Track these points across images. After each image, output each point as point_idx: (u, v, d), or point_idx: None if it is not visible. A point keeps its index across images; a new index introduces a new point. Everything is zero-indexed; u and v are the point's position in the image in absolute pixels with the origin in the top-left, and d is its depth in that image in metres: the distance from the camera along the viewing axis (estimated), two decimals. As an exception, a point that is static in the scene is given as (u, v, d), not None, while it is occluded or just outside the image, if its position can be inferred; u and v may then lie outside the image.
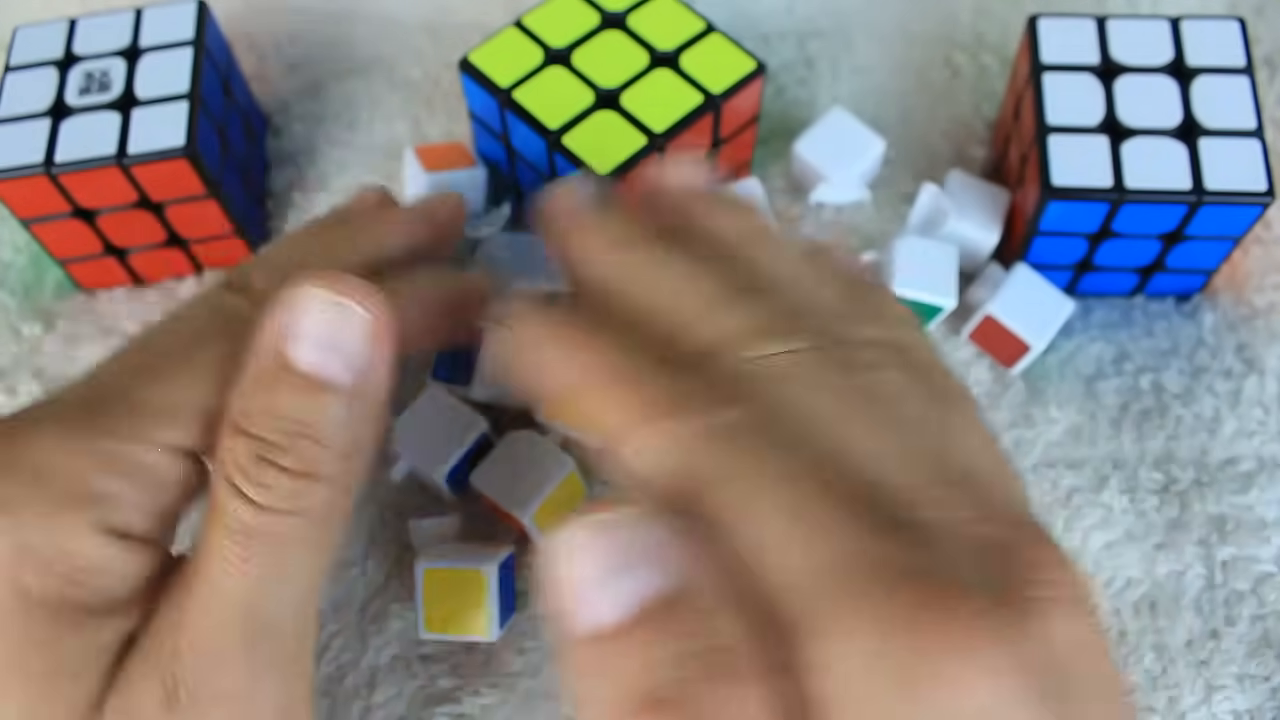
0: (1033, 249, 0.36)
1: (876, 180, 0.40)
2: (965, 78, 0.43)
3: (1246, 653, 0.32)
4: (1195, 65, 0.35)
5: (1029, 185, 0.35)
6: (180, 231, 0.37)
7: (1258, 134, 0.34)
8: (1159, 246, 0.35)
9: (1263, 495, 0.34)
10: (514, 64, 0.35)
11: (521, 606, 0.33)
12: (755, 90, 0.36)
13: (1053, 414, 0.36)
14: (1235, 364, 0.36)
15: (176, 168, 0.34)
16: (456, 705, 0.31)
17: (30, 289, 0.39)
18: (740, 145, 0.38)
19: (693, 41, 0.35)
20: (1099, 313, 0.38)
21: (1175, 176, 0.33)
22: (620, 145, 0.33)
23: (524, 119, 0.34)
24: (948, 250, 0.36)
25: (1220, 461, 0.35)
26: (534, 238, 0.37)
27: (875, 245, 0.38)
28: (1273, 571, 0.33)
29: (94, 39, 0.37)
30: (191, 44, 0.37)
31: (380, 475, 0.35)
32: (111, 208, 0.36)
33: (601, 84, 0.34)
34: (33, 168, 0.34)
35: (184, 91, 0.35)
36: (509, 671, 0.32)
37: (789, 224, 0.39)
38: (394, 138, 0.42)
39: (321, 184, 0.41)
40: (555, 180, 0.35)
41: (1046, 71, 0.35)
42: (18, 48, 0.37)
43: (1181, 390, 0.36)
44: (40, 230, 0.36)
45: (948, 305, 0.35)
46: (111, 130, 0.34)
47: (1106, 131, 0.34)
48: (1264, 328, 0.37)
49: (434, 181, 0.36)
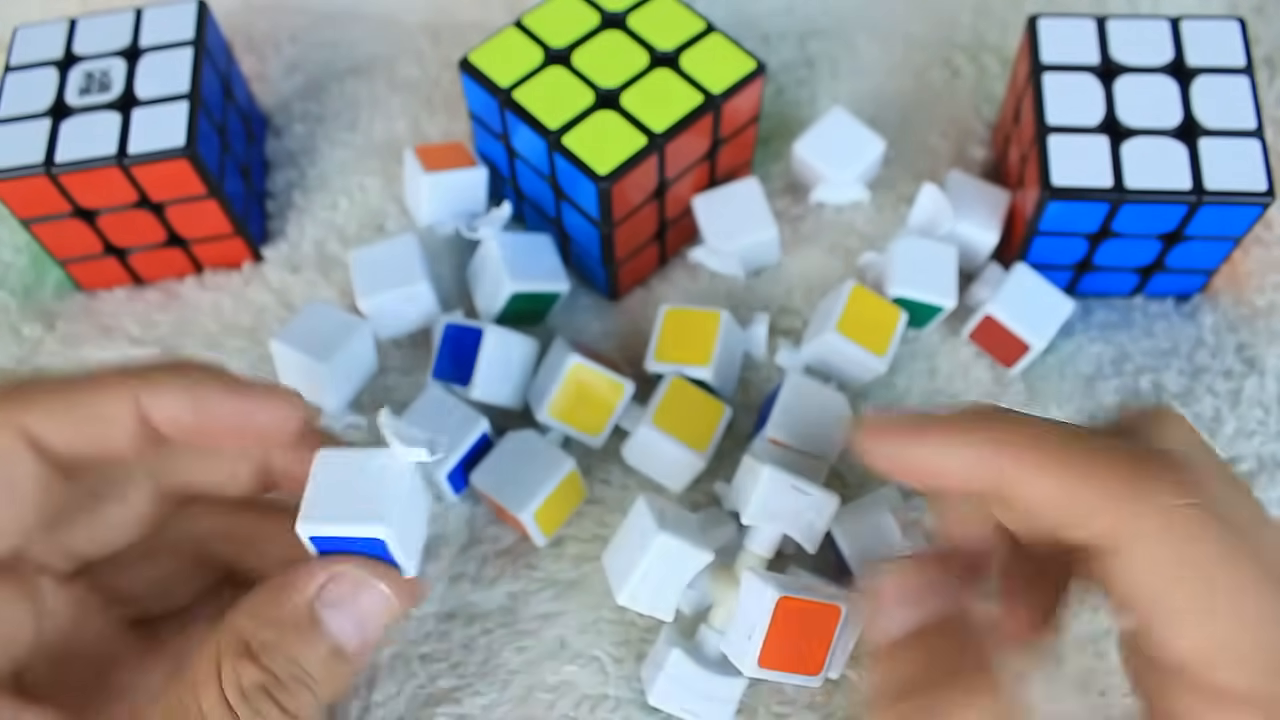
0: (1033, 249, 0.36)
1: (876, 180, 0.40)
2: (965, 78, 0.43)
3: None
4: (1195, 65, 0.35)
5: (1029, 185, 0.35)
6: (180, 231, 0.37)
7: (1258, 134, 0.34)
8: (1159, 246, 0.35)
9: (1263, 496, 0.34)
10: (514, 64, 0.35)
11: (522, 606, 0.33)
12: (755, 90, 0.36)
13: (1053, 414, 0.35)
14: (1235, 364, 0.36)
15: (176, 168, 0.34)
16: (456, 705, 0.31)
17: (30, 289, 0.39)
18: (740, 145, 0.38)
19: (693, 41, 0.35)
20: (1099, 313, 0.38)
21: (1175, 176, 0.33)
22: (620, 145, 0.33)
23: (524, 119, 0.34)
24: (948, 250, 0.36)
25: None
26: (534, 237, 0.37)
27: (875, 245, 0.38)
28: (1273, 571, 0.33)
29: (94, 39, 0.37)
30: (191, 44, 0.37)
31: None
32: (111, 208, 0.36)
33: (601, 84, 0.34)
34: (33, 168, 0.34)
35: (184, 91, 0.35)
36: (509, 671, 0.32)
37: (789, 223, 0.39)
38: (394, 138, 0.42)
39: (321, 184, 0.41)
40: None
41: (1046, 71, 0.35)
42: (18, 48, 0.37)
43: (1181, 390, 0.36)
44: (40, 230, 0.36)
45: (948, 305, 0.35)
46: (111, 130, 0.34)
47: (1106, 131, 0.34)
48: (1264, 328, 0.37)
49: (434, 181, 0.36)
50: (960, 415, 0.23)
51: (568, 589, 0.33)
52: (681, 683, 0.29)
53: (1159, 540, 0.20)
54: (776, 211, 0.39)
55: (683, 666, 0.29)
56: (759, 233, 0.37)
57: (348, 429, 0.36)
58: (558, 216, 0.37)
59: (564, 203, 0.36)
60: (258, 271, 0.39)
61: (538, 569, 0.33)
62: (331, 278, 0.39)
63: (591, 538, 0.34)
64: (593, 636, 0.32)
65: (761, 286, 0.38)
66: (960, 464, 0.23)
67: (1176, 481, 0.21)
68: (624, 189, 0.33)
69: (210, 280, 0.39)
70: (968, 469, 0.22)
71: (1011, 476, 0.22)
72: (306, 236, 0.40)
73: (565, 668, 0.32)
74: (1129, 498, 0.21)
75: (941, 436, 0.23)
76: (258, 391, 0.25)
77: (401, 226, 0.40)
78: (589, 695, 0.31)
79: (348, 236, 0.40)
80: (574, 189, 0.34)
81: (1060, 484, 0.21)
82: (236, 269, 0.39)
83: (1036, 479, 0.22)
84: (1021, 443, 0.22)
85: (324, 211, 0.40)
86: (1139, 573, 0.21)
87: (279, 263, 0.39)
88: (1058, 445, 0.22)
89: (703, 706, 0.30)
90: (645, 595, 0.29)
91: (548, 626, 0.33)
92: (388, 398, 0.36)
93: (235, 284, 0.39)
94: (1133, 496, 0.21)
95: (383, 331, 0.37)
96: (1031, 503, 0.22)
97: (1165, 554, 0.20)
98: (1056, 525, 0.22)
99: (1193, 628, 0.20)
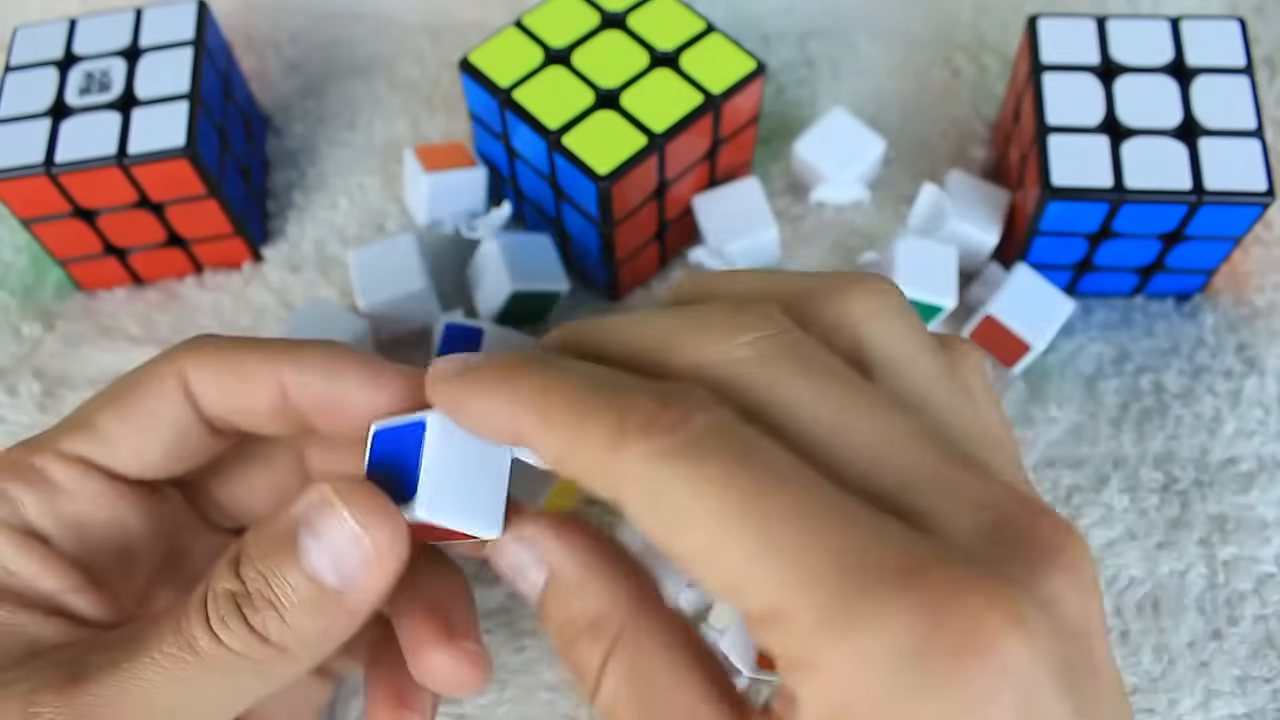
0: (1033, 249, 0.36)
1: (876, 180, 0.40)
2: (965, 78, 0.43)
3: (1249, 654, 0.32)
4: (1195, 65, 0.35)
5: (1029, 185, 0.35)
6: (180, 231, 0.37)
7: (1258, 134, 0.34)
8: (1159, 246, 0.35)
9: (1263, 495, 0.34)
10: (514, 64, 0.35)
11: (522, 606, 0.33)
12: (755, 90, 0.36)
13: (1053, 414, 0.35)
14: (1235, 364, 0.36)
15: (176, 168, 0.34)
16: (456, 706, 0.31)
17: (30, 289, 0.39)
18: (740, 145, 0.38)
19: (693, 41, 0.35)
20: (1099, 313, 0.38)
21: (1175, 176, 0.33)
22: (620, 145, 0.33)
23: (524, 119, 0.34)
24: (948, 250, 0.36)
25: (1220, 461, 0.35)
26: (534, 237, 0.37)
27: (875, 245, 0.38)
28: (1274, 572, 0.33)
29: (94, 39, 0.37)
30: (191, 44, 0.37)
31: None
32: (111, 208, 0.36)
33: (601, 84, 0.34)
34: (33, 168, 0.34)
35: (184, 91, 0.35)
36: (509, 670, 0.32)
37: (789, 223, 0.39)
38: (394, 138, 0.42)
39: (321, 184, 0.41)
40: (556, 180, 0.35)
41: (1046, 71, 0.35)
42: (18, 48, 0.37)
43: (1182, 390, 0.36)
44: (40, 230, 0.36)
45: (948, 305, 0.35)
46: (111, 130, 0.34)
47: (1106, 131, 0.34)
48: (1264, 328, 0.37)
49: (434, 181, 0.36)
50: (500, 363, 0.22)
51: (568, 589, 0.33)
52: None
53: (638, 487, 0.19)
54: (776, 211, 0.39)
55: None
56: (759, 233, 0.37)
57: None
58: (558, 216, 0.37)
59: (564, 203, 0.36)
60: (258, 271, 0.39)
61: (538, 569, 0.33)
62: (331, 278, 0.39)
63: (591, 538, 0.34)
64: (593, 636, 0.32)
65: (761, 286, 0.38)
66: (488, 414, 0.21)
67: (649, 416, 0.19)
68: (624, 189, 0.33)
69: (210, 280, 0.39)
70: (492, 420, 0.21)
71: (525, 431, 0.21)
72: (306, 236, 0.40)
73: (565, 668, 0.32)
74: (612, 447, 0.19)
75: (477, 386, 0.21)
76: (390, 373, 0.24)
77: (401, 226, 0.40)
78: (589, 695, 0.31)
79: (348, 236, 0.40)
80: (574, 189, 0.34)
81: (562, 441, 0.20)
82: (236, 269, 0.39)
83: (545, 436, 0.20)
84: (533, 395, 0.20)
85: (324, 211, 0.40)
86: (639, 516, 0.19)
87: (279, 263, 0.39)
88: (563, 395, 0.20)
89: None
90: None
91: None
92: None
93: (235, 284, 0.39)
94: (615, 445, 0.19)
95: (383, 331, 0.37)
96: (547, 461, 0.21)
97: (646, 502, 0.19)
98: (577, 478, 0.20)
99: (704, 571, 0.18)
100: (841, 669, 0.16)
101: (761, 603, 0.17)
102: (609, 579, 0.21)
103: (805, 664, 0.17)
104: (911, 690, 0.16)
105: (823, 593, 0.16)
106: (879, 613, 0.16)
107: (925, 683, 0.16)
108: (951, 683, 0.16)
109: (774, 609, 0.17)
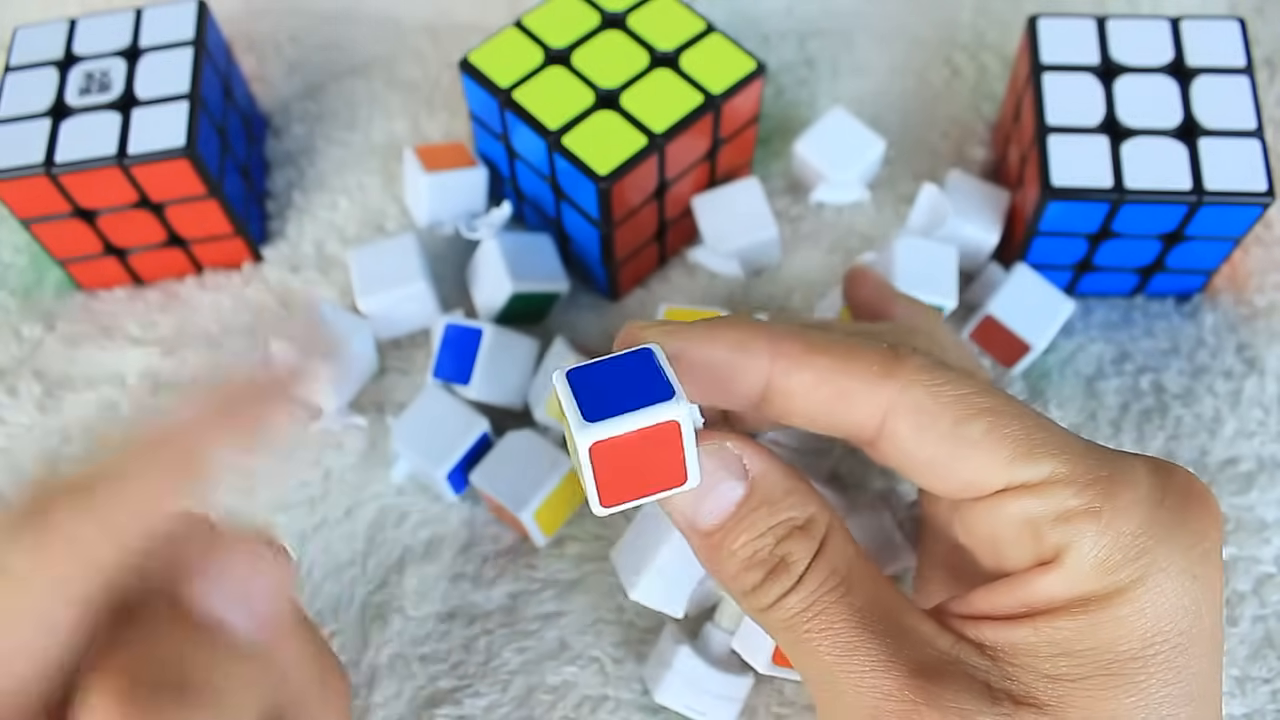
0: (1033, 249, 0.36)
1: (876, 180, 0.40)
2: (965, 78, 0.43)
3: (1248, 654, 0.32)
4: (1195, 65, 0.35)
5: (1029, 185, 0.35)
6: (180, 231, 0.37)
7: (1258, 134, 0.34)
8: (1159, 246, 0.35)
9: (1263, 496, 0.34)
10: (514, 64, 0.35)
11: (522, 607, 0.33)
12: (755, 90, 0.36)
13: (1053, 414, 0.35)
14: (1235, 364, 0.36)
15: (176, 168, 0.34)
16: (456, 706, 0.31)
17: (30, 289, 0.39)
18: (740, 145, 0.38)
19: (693, 41, 0.35)
20: (1099, 313, 0.38)
21: (1175, 176, 0.33)
22: (620, 145, 0.33)
23: (524, 119, 0.34)
24: (948, 250, 0.36)
25: (1220, 462, 0.35)
26: (534, 237, 0.37)
27: (875, 245, 0.38)
28: (1273, 572, 0.33)
29: (94, 39, 0.37)
30: (191, 44, 0.37)
31: (380, 475, 0.35)
32: (111, 208, 0.36)
33: (601, 84, 0.34)
34: (33, 168, 0.34)
35: (184, 91, 0.35)
36: (509, 671, 0.32)
37: (789, 223, 0.39)
38: (394, 138, 0.42)
39: (321, 184, 0.41)
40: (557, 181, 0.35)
41: (1046, 71, 0.35)
42: (18, 48, 0.37)
43: (1182, 390, 0.36)
44: (40, 230, 0.36)
45: (948, 305, 0.35)
46: (111, 130, 0.34)
47: (1106, 131, 0.34)
48: (1264, 328, 0.37)
49: (434, 182, 0.36)
50: (721, 320, 0.24)
51: (568, 589, 0.33)
52: (689, 681, 0.29)
53: (910, 402, 0.22)
54: (776, 211, 0.39)
55: (691, 664, 0.29)
56: (759, 233, 0.37)
57: (347, 429, 0.36)
58: (558, 216, 0.37)
59: (564, 203, 0.36)
60: (258, 271, 0.39)
61: (538, 569, 0.33)
62: (331, 278, 0.39)
63: (592, 538, 0.34)
64: (593, 637, 0.32)
65: (761, 286, 0.38)
66: (727, 357, 0.23)
67: (918, 365, 0.23)
68: (624, 189, 0.33)
69: (210, 280, 0.39)
70: (734, 363, 0.23)
71: (779, 368, 0.23)
72: (306, 236, 0.40)
73: (565, 668, 0.32)
74: (881, 381, 0.23)
75: (708, 335, 0.23)
76: None
77: (401, 226, 0.40)
78: (589, 696, 0.31)
79: (347, 236, 0.40)
80: (574, 189, 0.34)
81: (818, 374, 0.23)
82: (236, 269, 0.39)
83: (798, 371, 0.23)
84: (782, 336, 0.23)
85: (324, 211, 0.40)
86: (899, 444, 0.23)
87: (279, 263, 0.39)
88: (816, 340, 0.23)
89: (709, 704, 0.30)
90: (658, 592, 0.29)
91: (548, 627, 0.33)
92: (388, 398, 0.36)
93: (235, 284, 0.39)
94: (884, 378, 0.23)
95: (382, 331, 0.37)
96: (795, 394, 0.23)
97: (916, 420, 0.23)
98: (824, 414, 0.23)
99: (955, 469, 0.23)
100: (1112, 513, 0.21)
101: (1041, 473, 0.22)
102: (809, 486, 0.23)
103: (1084, 514, 0.21)
104: (1157, 524, 0.22)
105: (1093, 460, 0.22)
106: (1132, 473, 0.22)
107: (1167, 518, 0.22)
108: (1184, 518, 0.22)
109: (1055, 475, 0.22)
